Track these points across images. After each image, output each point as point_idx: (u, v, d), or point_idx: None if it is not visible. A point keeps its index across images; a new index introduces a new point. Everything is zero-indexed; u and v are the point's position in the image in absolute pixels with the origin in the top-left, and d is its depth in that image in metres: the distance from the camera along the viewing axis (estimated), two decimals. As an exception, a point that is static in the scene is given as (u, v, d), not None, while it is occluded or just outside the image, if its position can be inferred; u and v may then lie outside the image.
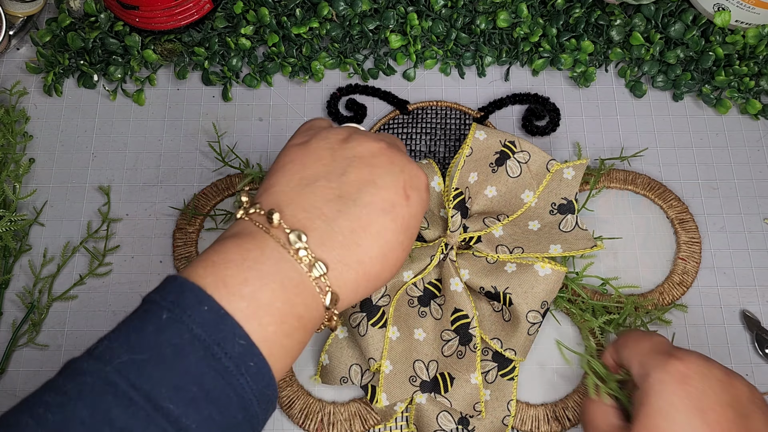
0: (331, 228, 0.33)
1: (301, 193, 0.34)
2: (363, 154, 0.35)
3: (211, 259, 0.31)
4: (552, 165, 0.51)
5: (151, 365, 0.28)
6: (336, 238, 0.33)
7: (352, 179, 0.34)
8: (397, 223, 0.34)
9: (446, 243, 0.48)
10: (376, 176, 0.35)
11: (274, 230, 0.32)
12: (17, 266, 0.52)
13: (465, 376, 0.46)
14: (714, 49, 0.55)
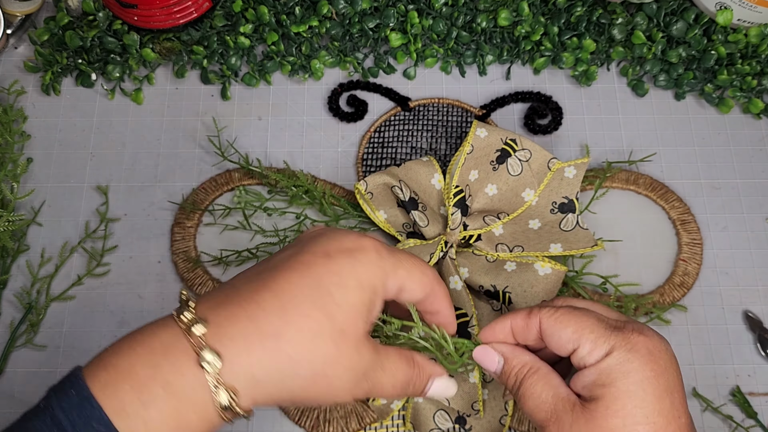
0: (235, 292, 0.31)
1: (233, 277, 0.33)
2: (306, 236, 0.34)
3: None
4: (553, 163, 0.51)
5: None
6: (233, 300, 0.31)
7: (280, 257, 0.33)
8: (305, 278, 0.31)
9: (446, 241, 0.48)
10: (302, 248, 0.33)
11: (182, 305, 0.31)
12: (15, 266, 0.52)
13: (463, 375, 0.46)
14: (716, 48, 0.55)
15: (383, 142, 0.55)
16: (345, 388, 0.32)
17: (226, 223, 0.53)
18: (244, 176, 0.54)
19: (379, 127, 0.56)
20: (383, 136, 0.55)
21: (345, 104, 0.57)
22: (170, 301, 0.51)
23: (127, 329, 0.50)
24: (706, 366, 0.49)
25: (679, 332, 0.50)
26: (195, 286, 0.50)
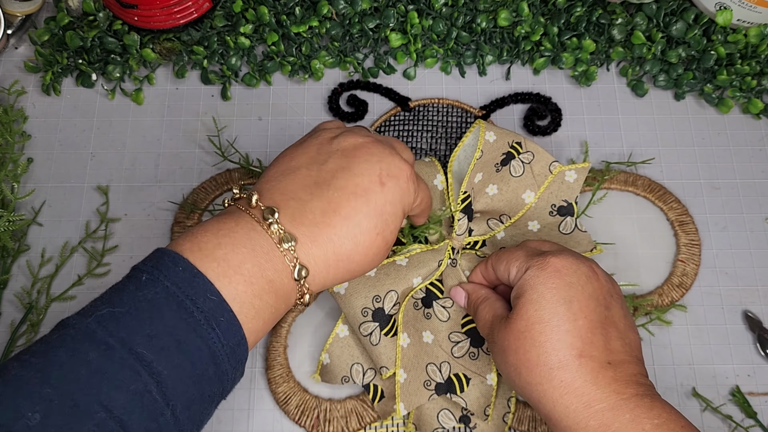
0: (304, 208, 0.36)
1: (282, 179, 0.37)
2: (345, 147, 0.38)
3: (192, 231, 0.35)
4: (554, 167, 0.51)
5: (127, 317, 0.31)
6: (307, 216, 0.35)
7: (330, 168, 0.37)
8: (370, 206, 0.36)
9: (452, 247, 0.48)
10: (352, 164, 0.37)
11: (252, 210, 0.36)
12: (15, 266, 0.52)
13: (481, 377, 0.46)
14: (716, 48, 0.55)
15: (383, 142, 0.55)
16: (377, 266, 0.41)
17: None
18: (245, 176, 0.54)
19: (379, 127, 0.56)
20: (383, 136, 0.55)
21: (345, 104, 0.57)
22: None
23: (127, 329, 0.50)
24: (705, 366, 0.49)
25: (678, 332, 0.50)
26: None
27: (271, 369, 0.48)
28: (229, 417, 0.48)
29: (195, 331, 0.31)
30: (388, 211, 0.37)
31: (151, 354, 0.30)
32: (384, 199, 0.37)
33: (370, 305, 0.46)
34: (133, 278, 0.33)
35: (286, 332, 0.49)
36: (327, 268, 0.36)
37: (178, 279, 0.32)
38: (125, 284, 0.33)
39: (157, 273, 0.32)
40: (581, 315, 0.37)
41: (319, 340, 0.49)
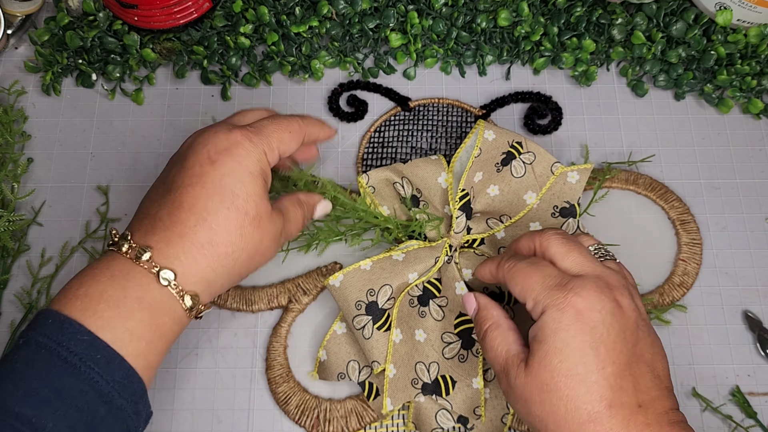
0: (154, 219, 0.37)
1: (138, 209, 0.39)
2: (182, 151, 0.40)
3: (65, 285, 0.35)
4: (556, 168, 0.51)
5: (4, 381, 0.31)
6: (157, 225, 0.36)
7: (170, 177, 0.38)
8: (207, 188, 0.37)
9: (450, 245, 0.48)
10: (185, 162, 0.38)
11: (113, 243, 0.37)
12: (16, 266, 0.52)
13: (467, 380, 0.46)
14: (716, 48, 0.55)
15: (383, 142, 0.55)
16: (273, 249, 0.40)
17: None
18: (245, 176, 0.54)
19: (379, 127, 0.56)
20: (383, 136, 0.55)
21: (345, 104, 0.57)
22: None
23: (127, 329, 0.50)
24: (705, 366, 0.49)
25: (678, 332, 0.50)
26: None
27: (271, 369, 0.48)
28: (229, 417, 0.48)
29: (73, 376, 0.31)
30: (229, 182, 0.37)
31: (31, 410, 0.30)
32: (220, 173, 0.37)
33: (363, 298, 0.46)
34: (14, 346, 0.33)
35: (286, 332, 0.49)
36: (195, 262, 0.36)
37: (48, 330, 0.32)
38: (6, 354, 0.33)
39: (31, 333, 0.33)
40: (609, 361, 0.35)
41: (318, 340, 0.49)
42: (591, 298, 0.36)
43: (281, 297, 0.50)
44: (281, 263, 0.51)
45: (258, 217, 0.38)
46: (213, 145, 0.38)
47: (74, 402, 0.31)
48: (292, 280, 0.51)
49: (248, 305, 0.50)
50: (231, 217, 0.37)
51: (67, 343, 0.32)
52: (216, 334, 0.50)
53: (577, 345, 0.35)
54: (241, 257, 0.37)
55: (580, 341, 0.35)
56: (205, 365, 0.49)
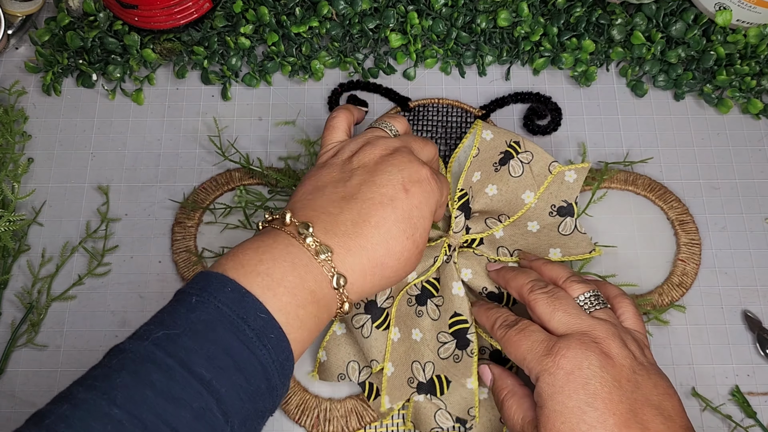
0: (335, 220, 0.38)
1: (311, 198, 0.39)
2: (366, 162, 0.40)
3: (233, 252, 0.36)
4: (554, 167, 0.51)
5: (184, 338, 0.32)
6: (339, 228, 0.37)
7: (355, 183, 0.39)
8: (397, 213, 0.38)
9: (449, 244, 0.48)
10: (375, 177, 0.39)
11: (287, 227, 0.37)
12: (16, 266, 0.52)
13: (461, 381, 0.46)
14: (715, 48, 0.55)
15: (383, 142, 0.55)
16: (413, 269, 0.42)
17: (226, 222, 0.53)
18: (245, 176, 0.54)
19: (379, 127, 0.56)
20: (383, 136, 0.55)
21: (345, 104, 0.57)
22: (171, 300, 0.51)
23: (128, 329, 0.51)
24: (705, 366, 0.49)
25: (678, 332, 0.50)
26: (195, 285, 0.51)
27: (272, 369, 0.48)
28: (229, 417, 0.48)
29: (249, 349, 0.33)
30: (416, 215, 0.39)
31: (210, 373, 0.31)
32: (410, 205, 0.39)
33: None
34: (183, 301, 0.34)
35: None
36: (364, 276, 0.38)
37: (228, 299, 0.33)
38: (175, 307, 0.34)
39: (206, 295, 0.33)
40: (609, 413, 0.36)
41: (318, 341, 0.50)
42: (577, 356, 0.37)
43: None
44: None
45: (420, 252, 0.40)
46: (408, 173, 0.39)
47: (246, 374, 0.32)
48: (292, 280, 0.51)
49: (248, 305, 0.50)
50: (406, 247, 0.39)
51: (247, 318, 0.33)
52: (216, 333, 0.50)
53: (573, 404, 0.36)
54: (394, 279, 0.40)
55: (575, 400, 0.36)
56: (205, 365, 0.49)
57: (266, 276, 0.34)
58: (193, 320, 0.32)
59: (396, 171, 0.39)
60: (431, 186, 0.40)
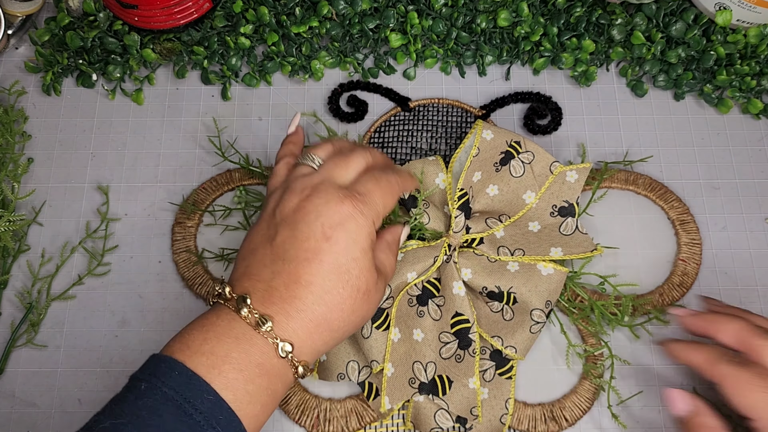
0: (270, 287, 0.37)
1: (247, 263, 0.39)
2: (286, 214, 0.39)
3: (180, 332, 0.37)
4: (555, 167, 0.51)
5: (129, 427, 0.32)
6: (274, 294, 0.37)
7: (279, 240, 0.39)
8: (324, 266, 0.38)
9: (449, 244, 0.48)
10: (296, 231, 0.38)
11: (228, 301, 0.37)
12: (16, 266, 0.52)
13: (463, 380, 0.46)
14: (715, 48, 0.55)
15: (383, 142, 0.55)
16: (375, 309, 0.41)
17: (226, 223, 0.53)
18: (245, 176, 0.54)
19: (379, 127, 0.56)
20: (383, 136, 0.55)
21: (345, 104, 0.57)
22: (171, 300, 0.51)
23: (127, 329, 0.51)
24: (705, 366, 0.49)
25: (678, 332, 0.50)
26: (195, 285, 0.51)
27: (271, 369, 0.48)
28: (229, 417, 0.48)
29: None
30: (344, 261, 0.38)
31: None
32: (335, 251, 0.38)
33: None
34: (132, 388, 0.34)
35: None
36: (310, 336, 0.37)
37: (175, 383, 0.33)
38: (125, 395, 0.34)
39: (154, 380, 0.34)
40: None
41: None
42: None
43: (281, 297, 0.50)
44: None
45: (367, 291, 0.39)
46: (327, 218, 0.38)
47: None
48: (292, 279, 0.51)
49: (248, 305, 0.50)
50: (345, 296, 0.38)
51: (193, 400, 0.33)
52: (216, 333, 0.50)
53: None
54: (349, 328, 0.39)
55: None
56: (205, 365, 0.49)
57: (210, 355, 0.34)
58: (140, 407, 0.33)
59: (313, 219, 0.38)
60: (356, 222, 0.39)
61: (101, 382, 0.49)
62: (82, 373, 0.49)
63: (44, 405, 0.48)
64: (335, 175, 0.41)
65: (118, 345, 0.50)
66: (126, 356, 0.49)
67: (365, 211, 0.39)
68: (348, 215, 0.39)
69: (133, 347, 0.50)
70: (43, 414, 0.48)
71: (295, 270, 0.37)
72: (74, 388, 0.49)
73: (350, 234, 0.38)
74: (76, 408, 0.48)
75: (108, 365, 0.49)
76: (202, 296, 0.50)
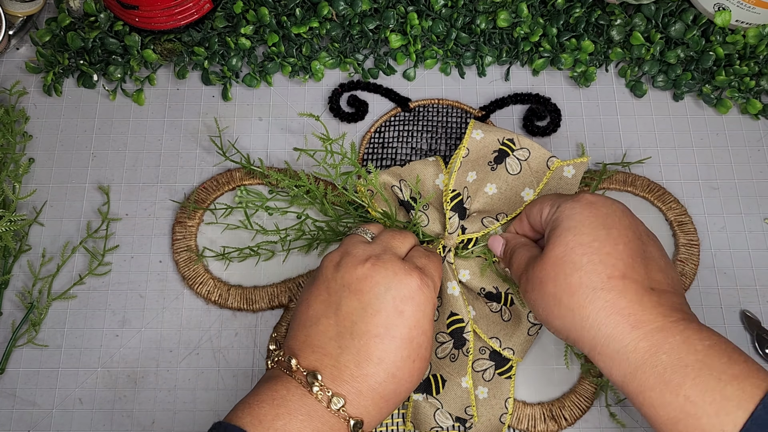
0: (338, 364, 0.37)
1: (307, 334, 0.39)
2: (350, 282, 0.39)
3: (248, 401, 0.36)
4: (552, 162, 0.51)
5: None
6: (344, 372, 0.37)
7: (345, 311, 0.38)
8: (396, 342, 0.37)
9: (444, 245, 0.48)
10: (365, 303, 0.38)
11: (295, 374, 0.37)
12: (17, 266, 0.52)
13: (456, 380, 0.46)
14: (714, 48, 0.55)
15: (383, 142, 0.55)
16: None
17: (227, 222, 0.53)
18: (246, 176, 0.54)
19: (379, 127, 0.56)
20: (383, 136, 0.56)
21: (346, 105, 0.57)
22: (171, 300, 0.51)
23: (128, 328, 0.51)
24: (704, 365, 0.49)
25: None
26: (196, 284, 0.51)
27: (272, 368, 0.48)
28: (229, 416, 0.48)
29: None
30: (416, 334, 0.38)
31: None
32: (407, 326, 0.38)
33: None
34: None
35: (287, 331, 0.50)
36: (378, 410, 0.38)
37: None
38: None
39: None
40: (621, 241, 0.37)
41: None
42: (602, 197, 0.40)
43: (282, 296, 0.50)
44: (282, 263, 0.52)
45: (428, 357, 0.40)
46: (397, 292, 0.38)
47: None
48: (293, 279, 0.51)
49: (249, 305, 0.50)
50: (415, 368, 0.38)
51: None
52: (217, 333, 0.50)
53: (590, 223, 0.38)
54: (407, 395, 0.40)
55: (592, 221, 0.38)
56: (206, 365, 0.49)
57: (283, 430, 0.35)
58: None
59: (383, 291, 0.38)
60: (424, 295, 0.39)
61: (102, 382, 0.49)
62: (82, 373, 0.49)
63: (45, 404, 0.48)
64: (394, 246, 0.42)
65: (119, 344, 0.50)
66: (126, 356, 0.50)
67: (430, 284, 0.39)
68: (417, 288, 0.38)
69: (134, 347, 0.50)
70: (44, 413, 0.48)
71: (365, 346, 0.37)
72: (75, 387, 0.49)
73: (420, 307, 0.38)
74: (77, 407, 0.48)
75: (108, 365, 0.49)
76: (202, 296, 0.51)
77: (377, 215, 0.49)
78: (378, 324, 0.37)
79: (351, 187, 0.48)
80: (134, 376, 0.49)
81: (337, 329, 0.38)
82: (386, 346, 0.37)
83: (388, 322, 0.37)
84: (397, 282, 0.38)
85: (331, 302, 0.39)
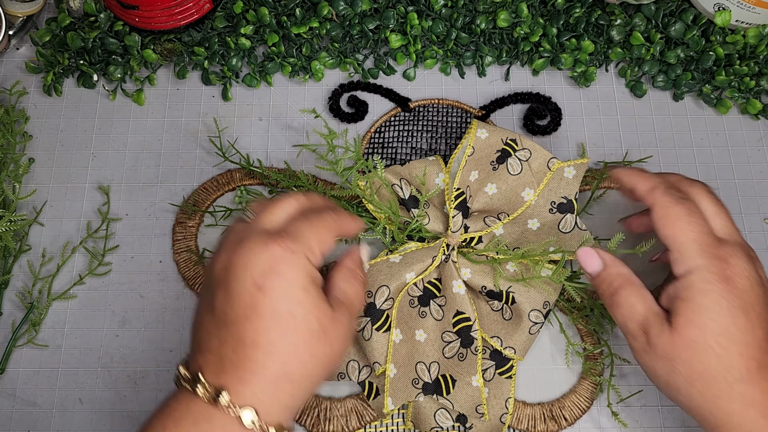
0: (220, 357, 0.35)
1: (198, 340, 0.36)
2: (218, 275, 0.36)
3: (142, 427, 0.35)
4: (553, 163, 0.51)
5: None
6: (225, 363, 0.34)
7: (218, 305, 0.36)
8: (264, 319, 0.34)
9: (447, 243, 0.48)
10: (230, 291, 0.35)
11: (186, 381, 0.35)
12: (17, 266, 0.52)
13: (466, 379, 0.46)
14: (714, 48, 0.55)
15: (383, 142, 0.55)
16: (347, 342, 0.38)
17: (227, 223, 0.53)
18: (245, 176, 0.54)
19: (379, 127, 0.56)
20: (383, 136, 0.56)
21: (346, 105, 0.57)
22: (171, 300, 0.51)
23: (128, 329, 0.51)
24: (704, 365, 0.49)
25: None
26: (196, 285, 0.51)
27: (272, 368, 0.48)
28: (229, 416, 0.48)
29: None
30: (285, 306, 0.35)
31: None
32: (271, 300, 0.35)
33: None
34: None
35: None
36: (274, 395, 0.35)
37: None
38: None
39: None
40: (758, 325, 0.36)
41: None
42: (741, 266, 0.37)
43: (281, 296, 0.50)
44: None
45: (322, 329, 0.36)
46: (254, 267, 0.35)
47: None
48: (293, 279, 0.51)
49: (249, 305, 0.50)
50: (297, 342, 0.35)
51: None
52: (216, 333, 0.50)
53: (728, 306, 0.36)
54: (316, 372, 0.36)
55: (730, 303, 0.36)
56: (205, 364, 0.49)
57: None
58: None
59: (242, 272, 0.35)
60: (287, 262, 0.35)
61: (102, 382, 0.49)
62: (82, 373, 0.49)
63: (45, 404, 0.48)
64: (263, 222, 0.38)
65: (119, 345, 0.50)
66: (127, 356, 0.50)
67: (295, 249, 0.36)
68: (277, 257, 0.35)
69: (134, 347, 0.50)
70: (44, 413, 0.48)
71: (238, 332, 0.35)
72: (75, 387, 0.49)
73: (283, 277, 0.35)
74: (77, 407, 0.48)
75: (109, 365, 0.49)
76: (202, 296, 0.51)
77: (375, 210, 0.49)
78: (243, 306, 0.35)
79: (354, 181, 0.48)
80: (134, 377, 0.49)
81: (215, 324, 0.35)
82: (255, 326, 0.34)
83: (252, 302, 0.34)
84: (253, 258, 0.35)
85: (208, 299, 0.37)
